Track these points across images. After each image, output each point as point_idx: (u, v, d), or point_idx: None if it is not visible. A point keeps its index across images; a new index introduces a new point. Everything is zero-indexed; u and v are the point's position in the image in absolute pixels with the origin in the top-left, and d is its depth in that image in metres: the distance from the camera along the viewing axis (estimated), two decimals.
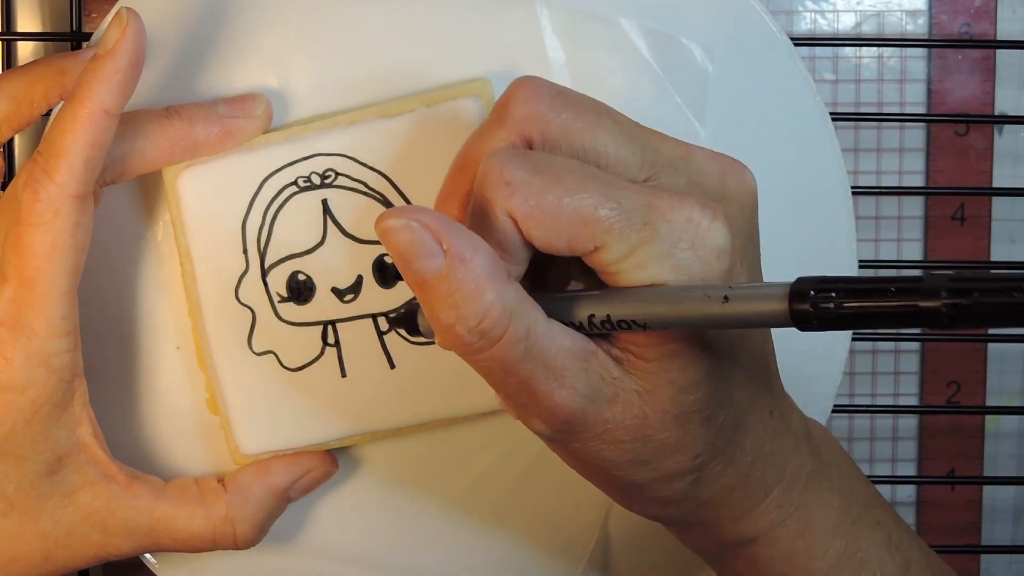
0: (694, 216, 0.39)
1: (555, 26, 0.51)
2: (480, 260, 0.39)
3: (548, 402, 0.40)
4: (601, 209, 0.39)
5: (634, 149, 0.41)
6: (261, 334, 0.51)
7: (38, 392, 0.46)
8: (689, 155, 0.42)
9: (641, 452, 0.42)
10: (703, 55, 0.52)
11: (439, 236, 0.39)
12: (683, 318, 0.38)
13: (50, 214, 0.45)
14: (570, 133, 0.41)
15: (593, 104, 0.42)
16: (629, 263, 0.39)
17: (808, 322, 0.35)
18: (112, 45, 0.46)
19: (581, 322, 0.40)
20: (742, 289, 0.37)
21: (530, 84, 0.42)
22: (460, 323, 0.39)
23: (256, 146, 0.50)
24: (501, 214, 0.40)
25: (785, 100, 0.52)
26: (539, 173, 0.39)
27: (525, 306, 0.40)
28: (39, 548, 0.48)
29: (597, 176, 0.39)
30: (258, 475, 0.51)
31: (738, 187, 0.42)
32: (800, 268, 0.53)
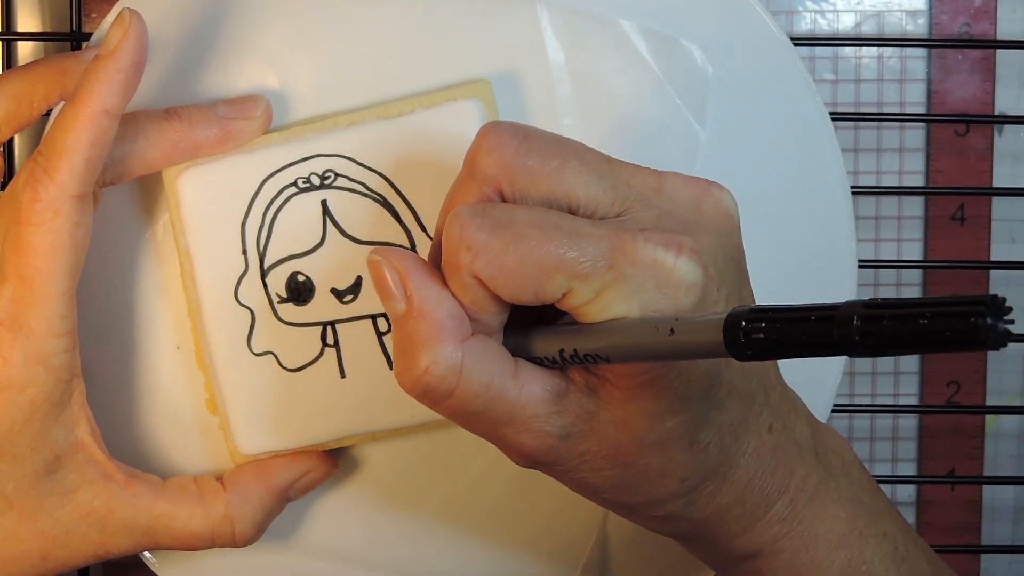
0: (658, 256, 0.39)
1: (555, 28, 0.51)
2: (438, 314, 0.40)
3: (516, 443, 0.42)
4: (564, 259, 0.39)
5: (604, 186, 0.41)
6: (260, 335, 0.51)
7: (36, 391, 0.46)
8: (661, 185, 0.42)
9: (624, 477, 0.42)
10: (703, 57, 0.52)
11: (406, 283, 0.41)
12: (638, 350, 0.39)
13: (50, 213, 0.45)
14: (538, 179, 0.41)
15: (560, 146, 0.42)
16: (596, 305, 0.40)
17: (742, 352, 0.35)
18: (114, 45, 0.46)
19: (553, 357, 0.41)
20: (687, 321, 0.37)
21: (494, 132, 0.42)
22: (405, 372, 0.41)
23: (256, 147, 0.50)
24: (467, 276, 0.40)
25: (785, 100, 0.52)
26: (499, 232, 0.40)
27: (486, 362, 0.41)
28: (38, 547, 0.48)
29: (559, 226, 0.40)
30: (258, 474, 0.51)
31: (713, 211, 0.42)
32: (800, 268, 0.53)
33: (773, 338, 0.34)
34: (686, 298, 0.39)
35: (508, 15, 0.51)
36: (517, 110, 0.51)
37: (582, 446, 0.41)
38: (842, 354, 0.33)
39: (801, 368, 0.53)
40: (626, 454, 0.41)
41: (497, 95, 0.50)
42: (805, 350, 0.34)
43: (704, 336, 0.36)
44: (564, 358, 0.41)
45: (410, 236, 0.50)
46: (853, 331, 0.32)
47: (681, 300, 0.39)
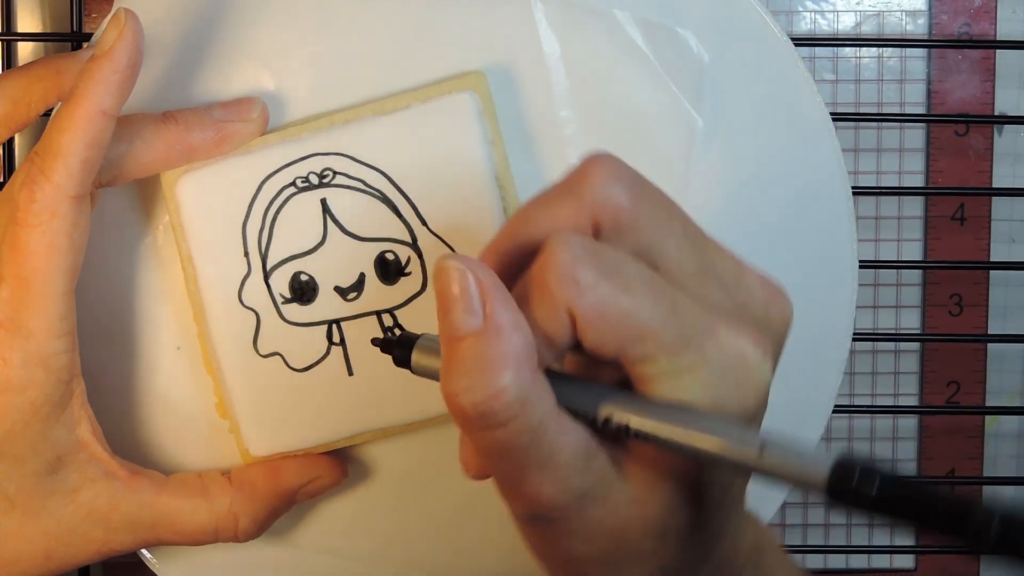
0: (747, 351, 0.38)
1: (550, 19, 0.51)
2: (515, 339, 0.38)
3: (535, 492, 0.39)
4: (663, 328, 0.38)
5: (693, 258, 0.40)
6: (266, 336, 0.51)
7: (37, 393, 0.46)
8: (741, 275, 0.41)
9: (611, 554, 0.41)
10: (698, 44, 0.51)
11: (486, 298, 0.38)
12: (708, 453, 0.37)
13: (47, 214, 0.45)
14: (640, 227, 0.39)
15: (667, 203, 0.40)
16: (670, 383, 0.38)
17: (843, 499, 0.35)
18: (109, 46, 0.46)
19: (594, 418, 0.39)
20: (779, 445, 0.36)
21: (613, 165, 0.40)
22: (467, 393, 0.38)
23: (253, 149, 0.50)
24: (562, 309, 0.38)
25: (785, 100, 0.52)
26: (609, 277, 0.38)
27: (544, 399, 0.38)
28: (41, 547, 0.48)
29: (664, 290, 0.38)
30: (267, 474, 0.51)
31: (779, 316, 0.41)
32: (800, 268, 0.53)
33: (887, 501, 0.34)
34: (754, 400, 0.38)
35: (502, 7, 0.51)
36: (513, 102, 0.51)
37: (592, 512, 0.40)
38: (960, 547, 0.34)
39: (801, 368, 0.53)
40: (630, 532, 0.40)
41: (492, 88, 0.50)
42: (925, 525, 0.34)
43: (803, 471, 0.36)
44: (607, 425, 0.39)
45: (411, 231, 0.50)
46: (990, 533, 0.32)
47: (750, 403, 0.38)
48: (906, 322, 0.67)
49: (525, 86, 0.51)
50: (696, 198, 0.52)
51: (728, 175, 0.53)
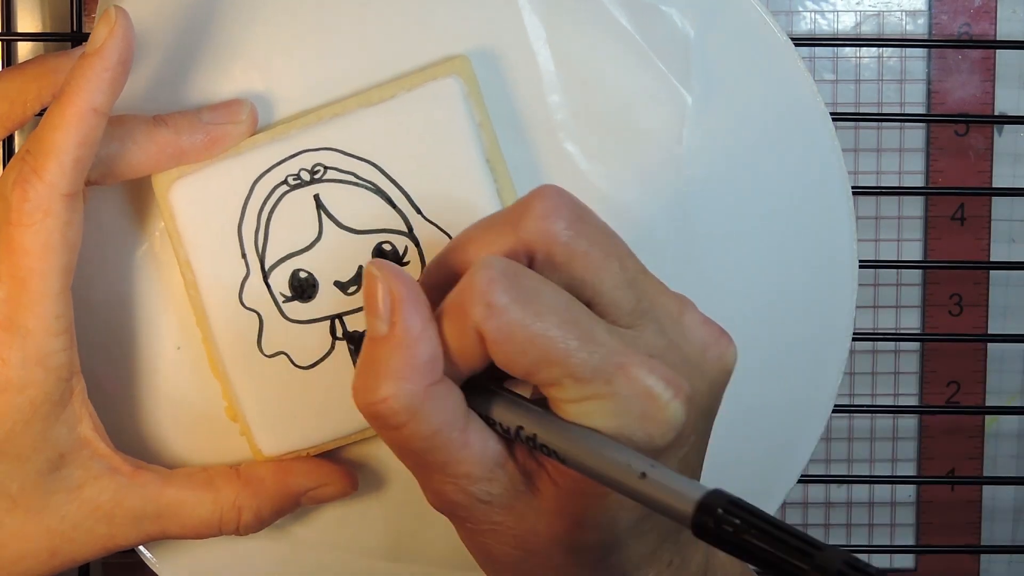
0: (656, 389, 0.39)
1: (533, 2, 0.51)
2: (417, 350, 0.40)
3: (437, 491, 0.42)
4: (570, 356, 0.39)
5: (630, 297, 0.41)
6: (270, 336, 0.51)
7: (36, 392, 0.46)
8: (681, 317, 0.42)
9: (522, 562, 0.42)
10: (683, 20, 0.51)
11: (395, 307, 0.40)
12: (598, 471, 0.39)
13: (40, 213, 0.45)
14: (574, 263, 0.41)
15: (607, 239, 0.41)
16: (577, 408, 0.40)
17: (704, 533, 0.36)
18: (100, 43, 0.45)
19: (507, 428, 0.41)
20: (661, 474, 0.37)
21: (554, 198, 0.41)
22: (361, 393, 0.40)
23: (243, 150, 0.50)
24: (471, 329, 0.40)
25: (785, 100, 0.52)
26: (522, 304, 0.39)
27: (443, 410, 0.40)
28: (45, 544, 0.48)
29: (578, 321, 0.39)
30: (276, 472, 0.51)
31: (716, 362, 0.42)
32: (800, 268, 0.53)
33: (742, 539, 0.35)
34: (662, 438, 0.39)
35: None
36: (501, 88, 0.51)
37: (497, 517, 0.41)
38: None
39: (801, 368, 0.53)
40: (535, 544, 0.41)
41: (480, 74, 0.50)
42: (769, 567, 0.35)
43: (673, 499, 0.37)
44: (518, 436, 0.40)
45: (406, 220, 0.50)
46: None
47: (657, 438, 0.39)
48: (906, 322, 0.67)
49: (512, 71, 0.51)
50: (696, 198, 0.52)
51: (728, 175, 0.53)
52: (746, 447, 0.53)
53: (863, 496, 0.68)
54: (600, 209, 0.43)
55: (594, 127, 0.51)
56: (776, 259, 0.53)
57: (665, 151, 0.52)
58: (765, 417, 0.54)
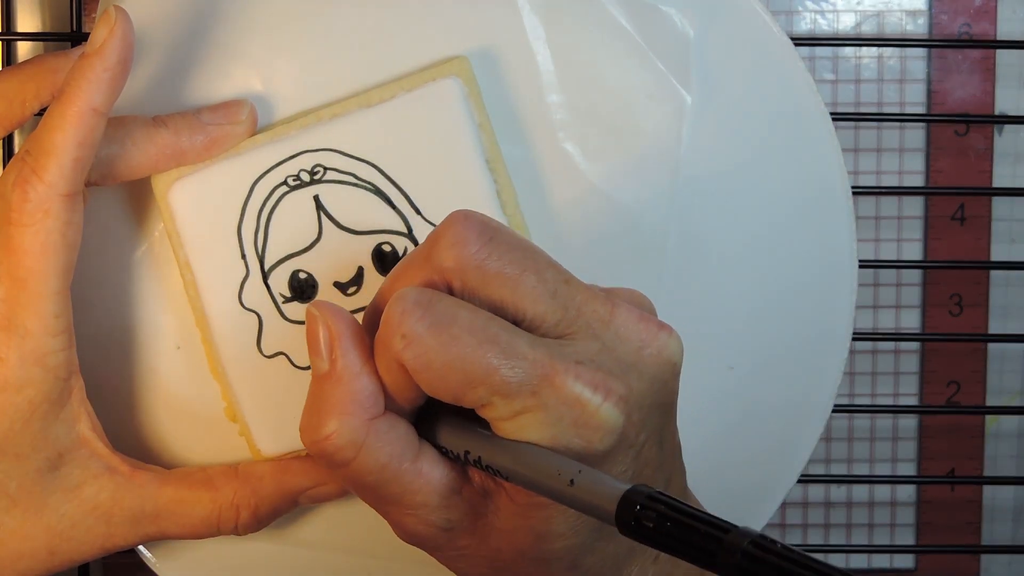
0: (584, 395, 0.39)
1: (532, 2, 0.51)
2: (354, 386, 0.41)
3: (399, 524, 0.42)
4: (491, 374, 0.39)
5: (554, 307, 0.41)
6: (269, 336, 0.51)
7: (35, 391, 0.46)
8: (611, 319, 0.42)
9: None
10: (682, 20, 0.51)
11: (334, 346, 0.41)
12: (535, 483, 0.39)
13: (40, 214, 0.45)
14: (490, 284, 0.41)
15: (522, 256, 0.41)
16: (510, 424, 0.40)
17: (628, 530, 0.36)
18: (100, 43, 0.45)
19: (457, 454, 0.42)
20: (589, 477, 0.38)
21: (461, 224, 0.41)
22: (306, 432, 0.41)
23: (242, 151, 0.50)
24: (394, 361, 0.40)
25: (785, 100, 0.52)
26: (436, 330, 0.40)
27: (389, 444, 0.41)
28: (44, 543, 0.48)
29: (496, 338, 0.40)
30: (275, 472, 0.51)
31: (654, 358, 0.42)
32: (800, 268, 0.53)
33: (659, 531, 0.36)
34: (601, 443, 0.40)
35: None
36: (500, 88, 0.51)
37: (462, 541, 0.42)
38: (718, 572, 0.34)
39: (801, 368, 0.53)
40: (504, 561, 0.42)
41: (479, 74, 0.50)
42: (684, 555, 0.35)
43: (598, 500, 0.37)
44: (467, 459, 0.41)
45: (406, 221, 0.50)
46: (734, 562, 0.34)
47: (596, 443, 0.40)
48: (906, 322, 0.67)
49: (511, 71, 0.51)
50: (695, 198, 0.52)
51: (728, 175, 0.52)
52: (746, 447, 0.53)
53: (863, 496, 0.68)
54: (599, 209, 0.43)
55: (593, 127, 0.51)
56: (776, 259, 0.53)
57: (664, 151, 0.52)
58: (765, 417, 0.54)
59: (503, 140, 0.51)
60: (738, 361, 0.53)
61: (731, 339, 0.52)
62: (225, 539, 0.52)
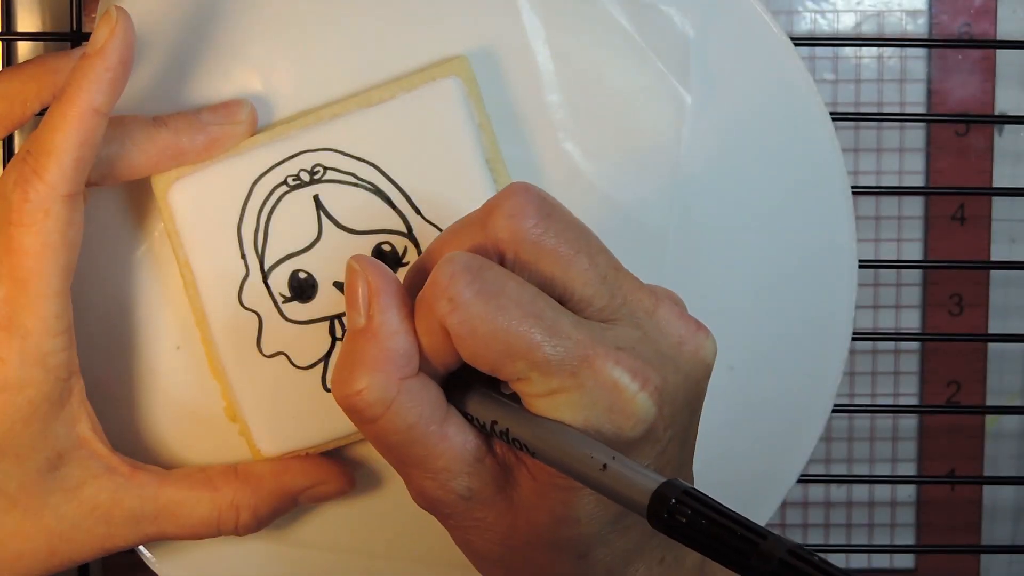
0: (622, 381, 0.39)
1: (532, 2, 0.51)
2: (391, 344, 0.40)
3: (418, 487, 0.42)
4: (533, 349, 0.39)
5: (602, 292, 0.41)
6: (269, 336, 0.51)
7: (35, 391, 0.46)
8: (655, 311, 0.42)
9: (506, 558, 0.42)
10: (682, 19, 0.51)
11: (372, 302, 0.41)
12: (564, 465, 0.39)
13: (41, 214, 0.45)
14: (542, 261, 0.41)
15: (577, 237, 0.41)
16: (544, 402, 0.40)
17: (659, 523, 0.36)
18: (101, 44, 0.45)
19: (483, 423, 0.41)
20: (622, 466, 0.38)
21: (522, 196, 0.41)
22: (337, 385, 0.41)
23: (242, 150, 0.50)
24: (438, 324, 0.40)
25: (785, 100, 0.52)
26: (484, 298, 0.39)
27: (418, 405, 0.41)
28: (44, 543, 0.48)
29: (542, 314, 0.39)
30: (274, 471, 0.51)
31: (691, 357, 0.42)
32: (800, 268, 0.53)
33: (692, 528, 0.35)
34: (631, 431, 0.40)
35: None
36: (500, 87, 0.51)
37: (479, 512, 0.42)
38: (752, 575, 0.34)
39: (801, 368, 0.53)
40: (517, 539, 0.42)
41: (479, 73, 0.50)
42: (715, 556, 0.35)
43: (630, 490, 0.37)
44: (493, 430, 0.41)
45: (406, 221, 0.50)
46: (769, 569, 0.33)
47: (626, 431, 0.39)
48: (906, 322, 0.67)
49: (511, 71, 0.51)
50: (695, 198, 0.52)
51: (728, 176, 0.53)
52: (746, 447, 0.53)
53: (863, 496, 0.68)
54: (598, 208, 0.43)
55: (593, 127, 0.51)
56: (776, 259, 0.53)
57: (664, 151, 0.52)
58: (765, 417, 0.54)
59: (503, 140, 0.51)
60: (738, 361, 0.53)
61: (731, 339, 0.52)
62: (225, 539, 0.52)
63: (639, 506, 0.37)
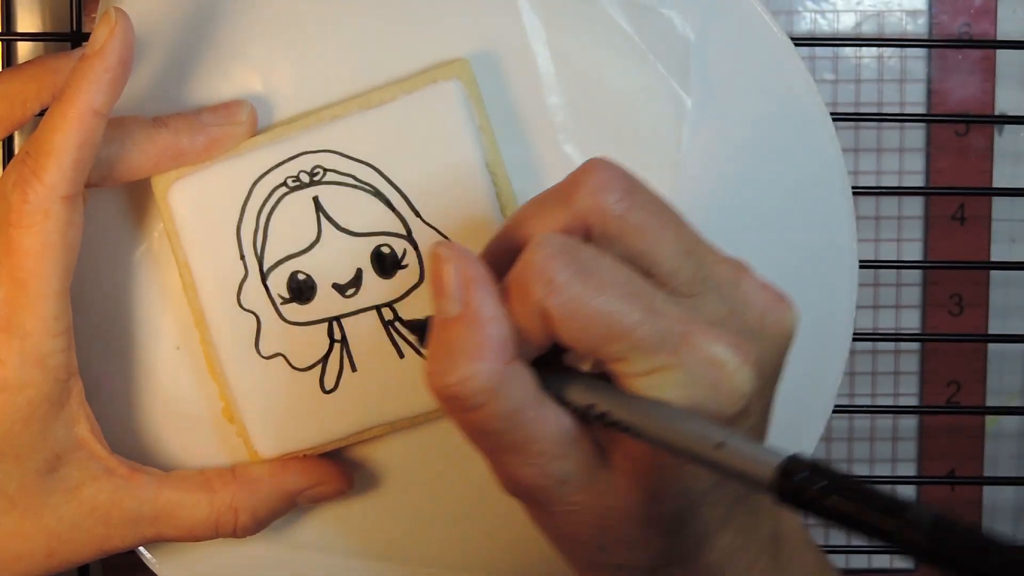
0: (723, 356, 0.39)
1: (533, 4, 0.51)
2: (491, 330, 0.39)
3: (515, 474, 0.41)
4: (635, 328, 0.38)
5: (687, 265, 0.41)
6: (268, 337, 0.51)
7: (35, 392, 0.46)
8: (738, 281, 0.42)
9: (599, 538, 0.42)
10: (683, 23, 0.51)
11: (468, 289, 0.40)
12: (672, 444, 0.38)
13: (40, 215, 0.45)
14: (630, 234, 0.40)
15: (661, 209, 0.41)
16: (645, 381, 0.39)
17: (787, 499, 0.35)
18: (100, 45, 0.45)
19: (578, 407, 0.40)
20: (738, 443, 0.37)
21: (605, 171, 0.41)
22: (439, 376, 0.40)
23: (242, 151, 0.50)
24: (535, 307, 0.39)
25: (785, 100, 0.52)
26: (582, 278, 0.39)
27: (518, 389, 0.40)
28: (43, 544, 0.48)
29: (640, 292, 0.39)
30: (272, 472, 0.51)
31: (777, 326, 0.42)
32: (800, 268, 0.53)
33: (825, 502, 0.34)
34: (733, 406, 0.39)
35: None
36: (500, 89, 0.51)
37: (575, 497, 0.41)
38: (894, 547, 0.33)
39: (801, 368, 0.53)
40: (612, 519, 0.41)
41: (479, 75, 0.50)
42: (854, 528, 0.34)
43: (752, 467, 0.36)
44: (590, 414, 0.40)
45: (405, 223, 0.50)
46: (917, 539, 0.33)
47: (727, 406, 0.39)
48: (906, 322, 0.67)
49: (511, 73, 0.51)
50: (695, 199, 0.52)
51: (728, 176, 0.52)
52: None
53: None
54: None
55: (593, 129, 0.51)
56: (776, 259, 0.53)
57: (664, 153, 0.52)
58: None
59: (503, 141, 0.51)
60: None
61: None
62: (225, 540, 0.52)
63: (761, 482, 0.36)
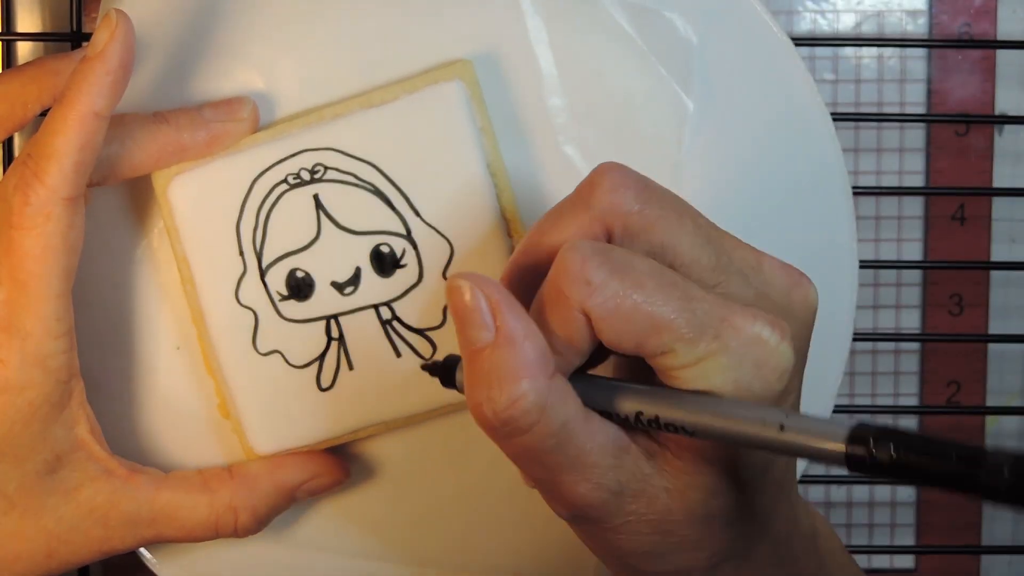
0: (764, 334, 0.39)
1: (535, 5, 0.51)
2: (528, 347, 0.39)
3: (571, 493, 0.41)
4: (676, 318, 0.39)
5: (709, 252, 0.41)
6: (265, 334, 0.51)
7: (35, 393, 0.46)
8: (760, 264, 0.42)
9: (659, 545, 0.42)
10: (685, 26, 0.51)
11: (496, 312, 0.39)
12: (734, 435, 0.38)
13: (41, 217, 0.45)
14: (651, 229, 0.41)
15: (676, 202, 0.42)
16: (692, 372, 0.39)
17: (861, 467, 0.35)
18: (101, 47, 0.45)
19: (626, 416, 0.40)
20: (799, 420, 0.37)
21: (618, 172, 0.41)
22: (488, 404, 0.39)
23: (243, 148, 0.50)
24: (576, 311, 0.39)
25: (785, 100, 0.52)
26: (619, 275, 0.39)
27: (565, 402, 0.40)
28: (42, 545, 0.48)
29: (675, 283, 0.39)
30: (269, 469, 0.51)
31: (802, 303, 0.42)
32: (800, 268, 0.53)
33: (902, 463, 0.34)
34: (778, 383, 0.39)
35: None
36: (502, 91, 0.51)
37: (632, 506, 0.41)
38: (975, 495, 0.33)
39: None
40: (673, 522, 0.41)
41: (481, 76, 0.50)
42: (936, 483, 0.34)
43: (821, 442, 0.36)
44: (639, 421, 0.40)
45: (405, 222, 0.50)
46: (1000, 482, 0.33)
47: (774, 384, 0.39)
48: (906, 322, 0.67)
49: (513, 74, 0.51)
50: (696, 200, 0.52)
51: (728, 176, 0.52)
52: None
53: (863, 496, 0.68)
54: None
55: (594, 130, 0.51)
56: None
57: (666, 154, 0.52)
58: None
59: (504, 142, 0.51)
60: None
61: None
62: (226, 541, 0.52)
63: (833, 455, 0.36)
